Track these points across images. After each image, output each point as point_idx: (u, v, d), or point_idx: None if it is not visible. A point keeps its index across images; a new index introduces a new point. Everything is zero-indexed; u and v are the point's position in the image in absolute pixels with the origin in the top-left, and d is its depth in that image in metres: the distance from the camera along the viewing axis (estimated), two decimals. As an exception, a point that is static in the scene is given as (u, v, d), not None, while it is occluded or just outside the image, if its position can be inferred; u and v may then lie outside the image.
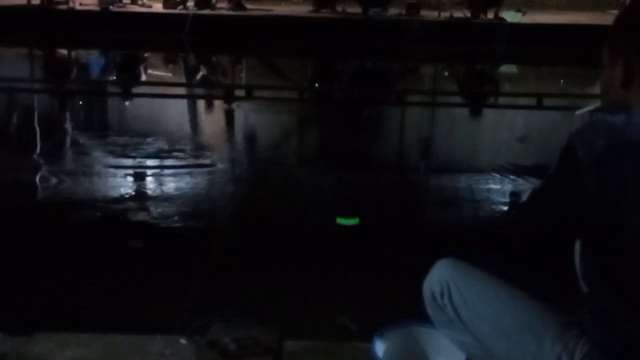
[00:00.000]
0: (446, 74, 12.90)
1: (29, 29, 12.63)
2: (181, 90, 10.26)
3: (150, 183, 5.54)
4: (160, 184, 5.56)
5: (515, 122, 8.70)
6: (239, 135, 7.65)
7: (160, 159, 6.09)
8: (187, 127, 8.02)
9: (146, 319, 3.01)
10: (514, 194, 5.41)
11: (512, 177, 5.89)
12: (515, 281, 1.82)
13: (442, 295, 1.81)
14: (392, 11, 14.19)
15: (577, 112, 1.89)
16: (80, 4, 14.15)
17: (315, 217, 4.78)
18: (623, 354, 1.50)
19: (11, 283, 3.46)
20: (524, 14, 13.86)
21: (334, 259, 3.97)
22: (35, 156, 6.24)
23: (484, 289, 1.77)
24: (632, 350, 1.49)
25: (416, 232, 4.43)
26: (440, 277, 1.82)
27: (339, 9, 14.45)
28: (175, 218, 4.79)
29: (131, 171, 5.76)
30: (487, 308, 1.74)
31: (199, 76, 11.60)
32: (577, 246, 1.74)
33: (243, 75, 12.16)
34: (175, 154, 6.30)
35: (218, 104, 9.49)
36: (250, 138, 7.29)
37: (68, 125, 7.59)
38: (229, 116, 8.66)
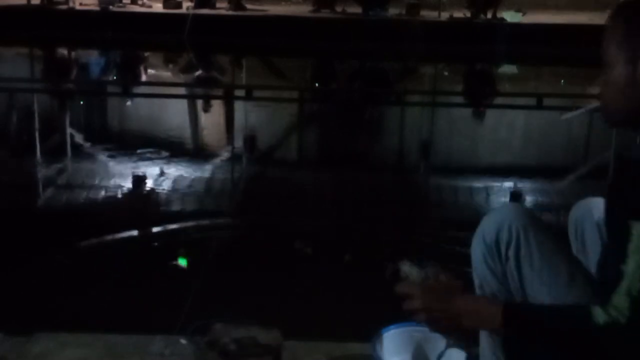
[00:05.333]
0: (446, 74, 12.89)
1: (29, 29, 12.62)
2: (181, 90, 10.25)
3: (150, 183, 5.54)
4: (160, 184, 5.55)
5: (515, 121, 8.70)
6: (238, 135, 7.64)
7: (160, 159, 6.08)
8: (186, 127, 8.01)
9: (146, 319, 3.01)
10: (514, 194, 5.41)
11: (511, 176, 5.90)
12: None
13: (508, 246, 1.58)
14: (392, 11, 14.18)
15: (565, 117, 1.78)
16: (80, 4, 14.13)
17: (315, 216, 4.78)
18: None
19: (11, 283, 3.46)
20: (524, 14, 13.84)
21: (334, 258, 3.97)
22: (35, 156, 6.23)
23: (554, 255, 1.57)
24: None
25: (416, 232, 4.42)
26: (511, 225, 1.58)
27: (338, 9, 14.43)
28: (175, 217, 4.79)
29: (130, 171, 5.75)
30: (552, 279, 1.56)
31: (198, 76, 11.58)
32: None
33: (243, 75, 12.15)
34: (174, 154, 6.30)
35: (217, 103, 9.50)
36: (250, 138, 7.28)
37: (68, 125, 7.58)
38: (229, 116, 8.66)
